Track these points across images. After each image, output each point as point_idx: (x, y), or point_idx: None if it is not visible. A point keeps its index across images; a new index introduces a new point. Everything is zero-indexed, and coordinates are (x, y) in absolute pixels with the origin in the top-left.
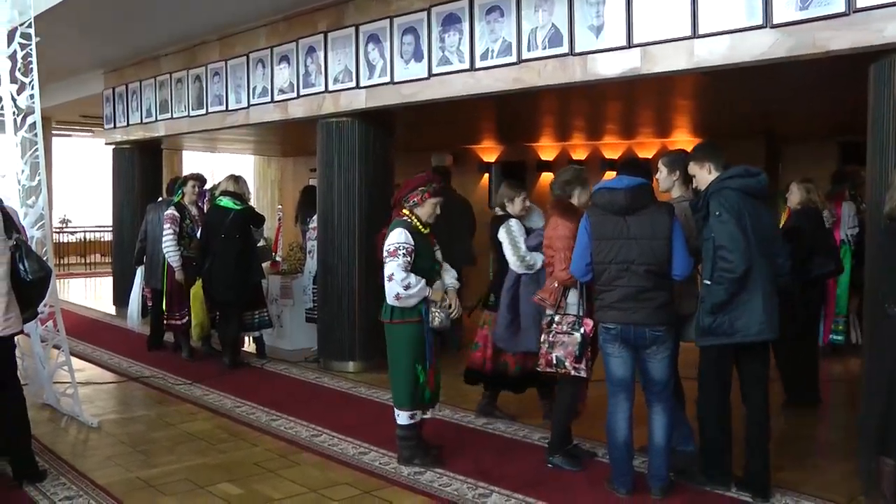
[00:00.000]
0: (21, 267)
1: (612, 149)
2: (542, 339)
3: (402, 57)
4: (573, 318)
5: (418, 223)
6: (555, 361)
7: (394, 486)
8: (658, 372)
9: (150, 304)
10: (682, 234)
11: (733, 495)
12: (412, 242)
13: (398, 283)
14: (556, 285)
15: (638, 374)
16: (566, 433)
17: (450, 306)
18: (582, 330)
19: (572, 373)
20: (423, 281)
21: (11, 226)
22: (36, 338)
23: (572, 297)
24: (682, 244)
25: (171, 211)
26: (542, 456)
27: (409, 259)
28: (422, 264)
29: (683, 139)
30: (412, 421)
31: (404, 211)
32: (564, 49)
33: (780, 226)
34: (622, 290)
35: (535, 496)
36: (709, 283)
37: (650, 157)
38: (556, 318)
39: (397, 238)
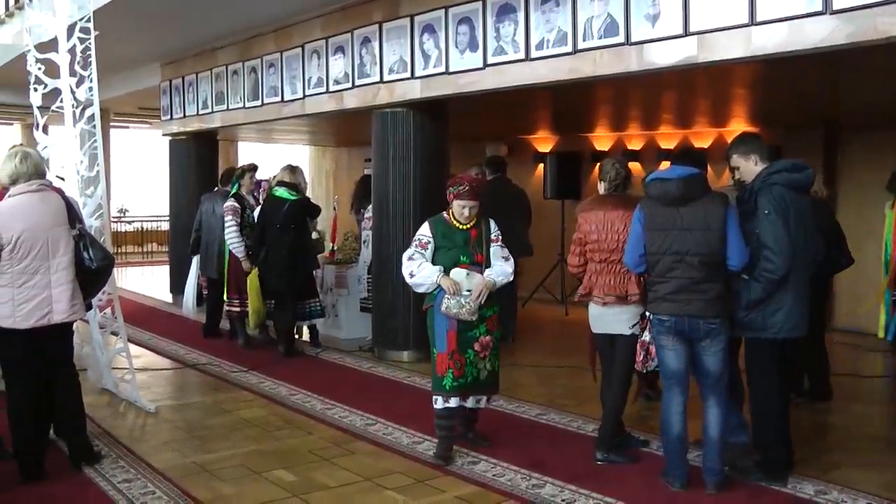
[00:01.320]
0: (86, 255)
1: (668, 139)
2: (647, 339)
3: (457, 47)
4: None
5: (453, 219)
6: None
7: (447, 475)
8: (712, 365)
9: (205, 292)
10: (737, 223)
11: (790, 491)
12: (429, 235)
13: (404, 269)
14: (643, 280)
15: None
16: (616, 428)
17: (472, 296)
18: None
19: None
20: (431, 270)
21: (74, 216)
22: (95, 325)
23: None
24: (738, 234)
25: (231, 203)
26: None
27: (420, 251)
28: (442, 259)
29: (740, 128)
30: (437, 406)
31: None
32: (620, 38)
33: None
34: (676, 281)
35: (589, 488)
36: (746, 277)
37: (706, 146)
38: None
39: (419, 230)
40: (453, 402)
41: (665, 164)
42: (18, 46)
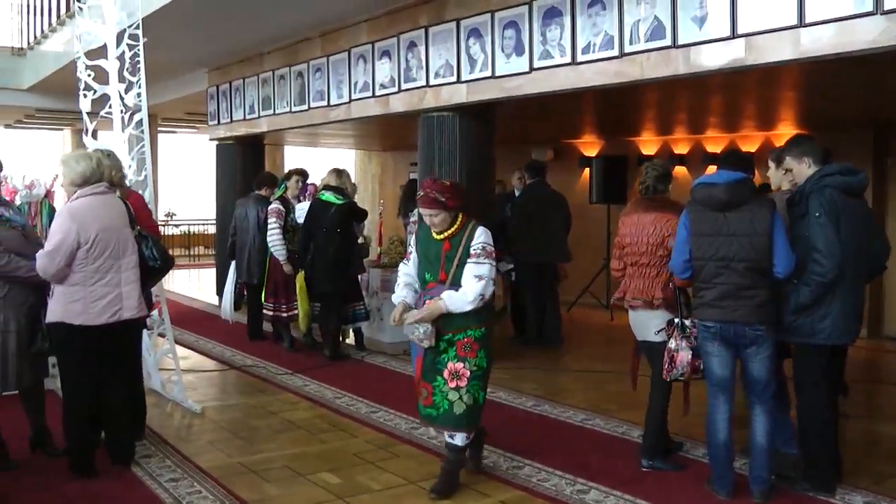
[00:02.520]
0: (151, 255)
1: (715, 142)
2: (672, 346)
3: (503, 51)
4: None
5: (431, 228)
6: (702, 367)
7: (492, 479)
8: (759, 372)
9: (244, 295)
10: (784, 229)
11: (837, 502)
12: (413, 245)
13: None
14: (673, 285)
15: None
16: (661, 434)
17: (409, 318)
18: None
19: (701, 377)
20: (397, 292)
21: (133, 218)
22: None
23: (684, 297)
24: (784, 241)
25: (276, 205)
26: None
27: (406, 261)
28: (419, 271)
29: (788, 132)
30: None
31: None
32: (667, 41)
33: None
34: (721, 287)
35: (634, 494)
36: (796, 282)
37: (753, 150)
38: (688, 322)
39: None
40: (433, 431)
41: (712, 169)
42: (69, 54)
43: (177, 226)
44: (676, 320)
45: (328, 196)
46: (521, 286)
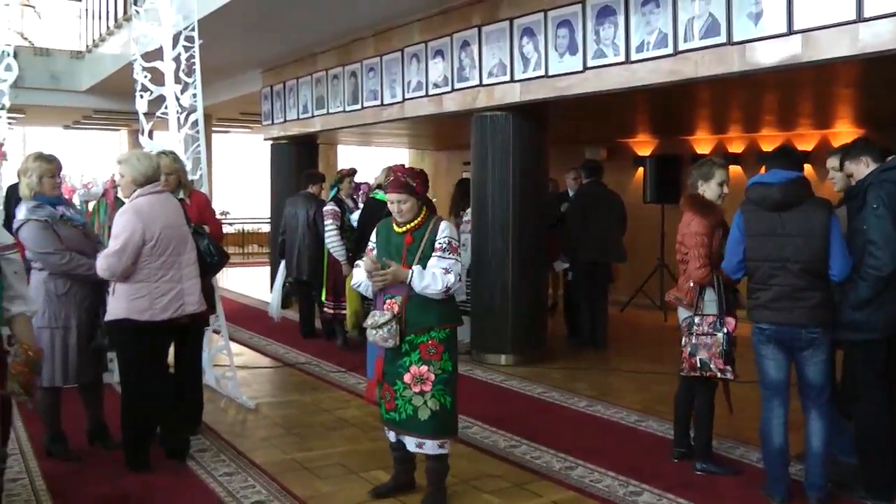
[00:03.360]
0: (208, 250)
1: (770, 141)
2: (682, 343)
3: (556, 50)
4: (713, 317)
5: (395, 221)
6: (699, 364)
7: (544, 479)
8: (814, 376)
9: (293, 294)
10: (840, 231)
11: None
12: (374, 240)
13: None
14: (692, 284)
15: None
16: (710, 436)
17: (365, 265)
18: (724, 329)
19: (719, 375)
20: (361, 269)
21: (188, 216)
22: None
23: (709, 295)
24: (841, 243)
25: (331, 206)
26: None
27: (365, 259)
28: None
29: (845, 130)
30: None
31: None
32: (722, 38)
33: None
34: (777, 289)
35: (687, 498)
36: (853, 276)
37: (809, 149)
38: (696, 319)
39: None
40: (391, 437)
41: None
42: (126, 56)
43: (231, 224)
44: (688, 316)
45: (381, 195)
46: (574, 286)
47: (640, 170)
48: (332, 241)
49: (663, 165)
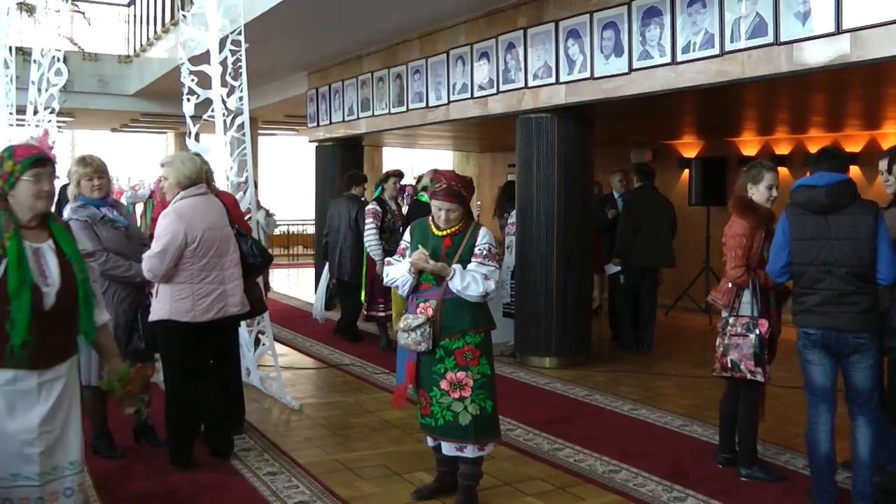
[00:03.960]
0: (251, 251)
1: (817, 142)
2: (716, 343)
3: (602, 52)
4: (747, 318)
5: (432, 223)
6: (730, 365)
7: (588, 483)
8: (861, 382)
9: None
10: (888, 234)
11: None
12: (407, 241)
13: (384, 276)
14: (730, 286)
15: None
16: (755, 442)
17: (413, 256)
18: (757, 331)
19: (748, 376)
20: (402, 264)
21: (231, 217)
22: (243, 323)
23: (746, 297)
24: (888, 246)
25: (373, 206)
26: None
27: (398, 258)
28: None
29: (894, 131)
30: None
31: None
32: (769, 38)
33: None
34: (823, 293)
35: None
36: None
37: (857, 150)
38: (731, 319)
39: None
40: (429, 441)
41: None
42: (173, 60)
43: (277, 226)
44: (724, 317)
45: (426, 197)
46: (621, 289)
47: (686, 172)
48: (370, 240)
49: (709, 167)
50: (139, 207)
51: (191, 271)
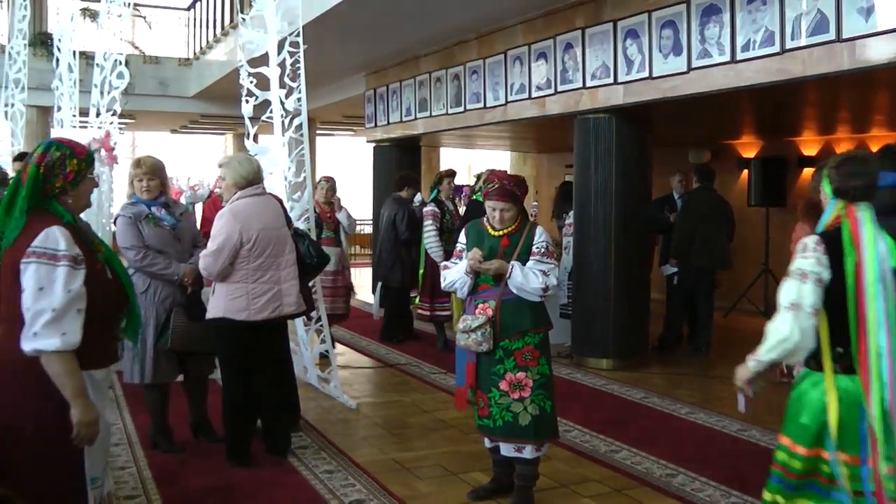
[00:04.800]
0: (307, 252)
1: (881, 142)
2: None
3: (660, 51)
4: None
5: (488, 224)
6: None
7: (645, 486)
8: None
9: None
10: None
11: None
12: (463, 242)
13: (441, 280)
14: None
15: None
16: None
17: (471, 254)
18: None
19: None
20: (459, 266)
21: (289, 218)
22: (300, 322)
23: None
24: None
25: (431, 207)
26: None
27: (455, 260)
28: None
29: None
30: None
31: None
32: (831, 35)
33: None
34: None
35: None
36: None
37: None
38: None
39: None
40: (486, 442)
41: None
42: (232, 62)
43: (357, 226)
44: None
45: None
46: (675, 291)
47: (745, 172)
48: (430, 242)
49: (768, 167)
50: (198, 207)
51: (246, 271)
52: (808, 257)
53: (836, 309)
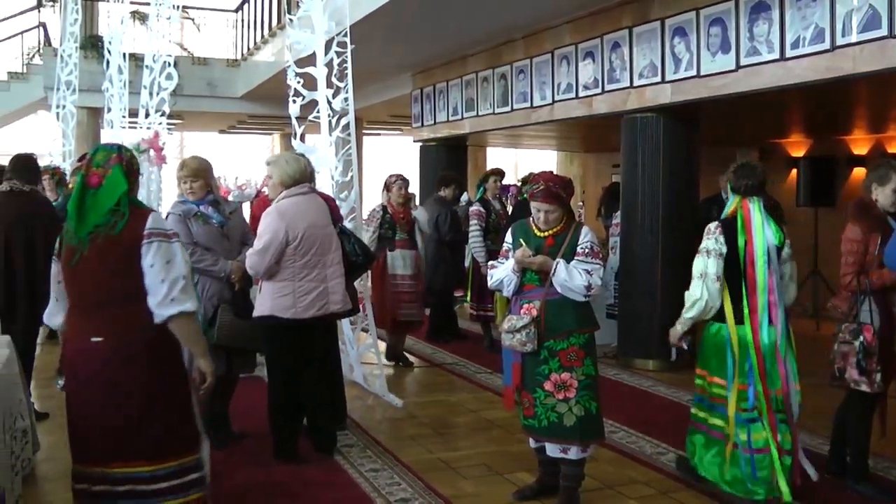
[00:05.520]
0: (353, 250)
1: None
2: (833, 350)
3: (708, 49)
4: (855, 325)
5: (534, 224)
6: (837, 374)
7: (691, 488)
8: None
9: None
10: None
11: None
12: (510, 243)
13: (488, 279)
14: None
15: None
16: (865, 456)
17: (518, 253)
18: (861, 338)
19: (851, 385)
20: (506, 264)
21: (335, 216)
22: (346, 321)
23: (866, 303)
24: None
25: (476, 207)
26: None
27: (502, 260)
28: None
29: None
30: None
31: None
32: (883, 31)
33: None
34: None
35: None
36: None
37: None
38: (843, 326)
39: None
40: (532, 442)
41: None
42: (279, 63)
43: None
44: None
45: None
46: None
47: (793, 172)
48: (475, 241)
49: (817, 167)
50: (246, 206)
51: (292, 269)
52: (710, 238)
53: (733, 277)
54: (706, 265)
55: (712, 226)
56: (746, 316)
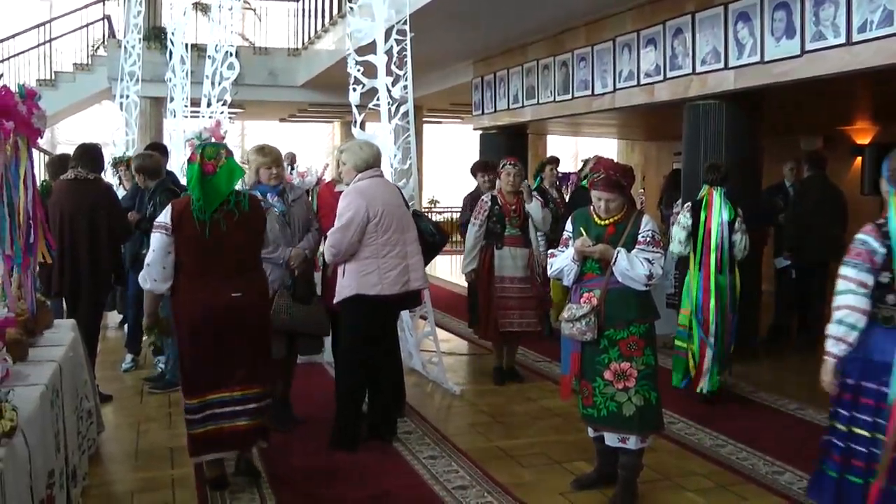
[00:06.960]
0: (429, 229)
1: None
2: None
3: (772, 34)
4: None
5: (595, 213)
6: None
7: (751, 483)
8: None
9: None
10: None
11: None
12: (570, 231)
13: (548, 268)
14: None
15: None
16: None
17: (577, 243)
18: None
19: None
20: (565, 253)
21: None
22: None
23: None
24: None
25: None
26: None
27: (562, 248)
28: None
29: None
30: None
31: None
32: None
33: None
34: None
35: None
36: None
37: None
38: None
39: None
40: (590, 431)
41: None
42: (340, 51)
43: (440, 213)
44: None
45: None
46: (788, 285)
47: (858, 159)
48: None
49: (884, 154)
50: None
51: (375, 246)
52: (682, 215)
53: (697, 241)
54: (679, 233)
55: (685, 207)
56: (699, 267)
